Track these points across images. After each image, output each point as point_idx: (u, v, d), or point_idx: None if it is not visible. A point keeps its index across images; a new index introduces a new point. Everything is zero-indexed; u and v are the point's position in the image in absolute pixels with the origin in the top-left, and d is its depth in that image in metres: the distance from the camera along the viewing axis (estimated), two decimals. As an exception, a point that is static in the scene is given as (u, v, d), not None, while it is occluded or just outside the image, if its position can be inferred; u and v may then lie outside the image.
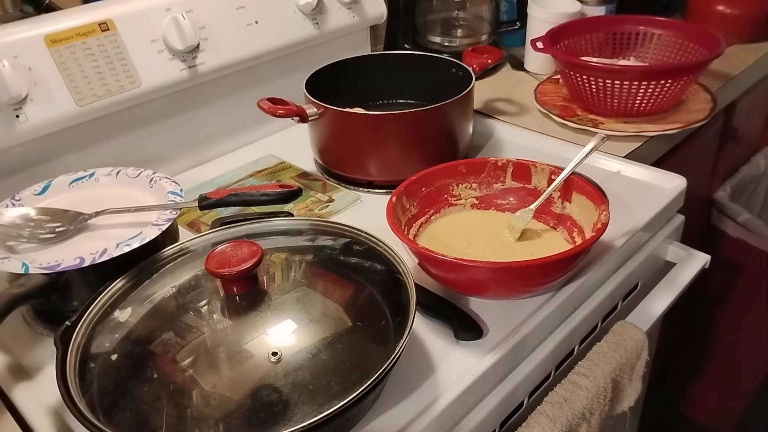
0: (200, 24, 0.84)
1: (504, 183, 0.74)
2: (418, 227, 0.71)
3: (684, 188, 0.81)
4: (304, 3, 0.93)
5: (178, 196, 0.67)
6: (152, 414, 0.46)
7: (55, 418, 0.55)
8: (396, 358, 0.47)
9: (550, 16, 1.10)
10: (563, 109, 0.98)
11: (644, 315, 0.75)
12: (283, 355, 0.48)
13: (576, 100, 0.99)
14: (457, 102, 0.80)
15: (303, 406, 0.45)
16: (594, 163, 0.85)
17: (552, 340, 0.65)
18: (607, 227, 0.61)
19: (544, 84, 1.07)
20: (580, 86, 0.94)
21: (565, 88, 1.02)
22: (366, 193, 0.84)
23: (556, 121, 0.96)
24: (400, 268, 0.55)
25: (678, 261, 0.82)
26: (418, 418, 0.53)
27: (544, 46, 0.96)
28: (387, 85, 0.96)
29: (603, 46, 1.07)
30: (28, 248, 0.62)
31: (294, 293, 0.55)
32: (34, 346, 0.63)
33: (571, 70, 0.94)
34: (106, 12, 0.79)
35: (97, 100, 0.77)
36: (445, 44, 1.19)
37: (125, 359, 0.50)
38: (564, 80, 1.00)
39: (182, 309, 0.54)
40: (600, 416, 0.67)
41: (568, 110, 0.98)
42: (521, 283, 0.61)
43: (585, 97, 0.95)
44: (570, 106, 0.99)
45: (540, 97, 1.02)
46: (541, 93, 1.04)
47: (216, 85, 0.90)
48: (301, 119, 0.80)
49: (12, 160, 0.75)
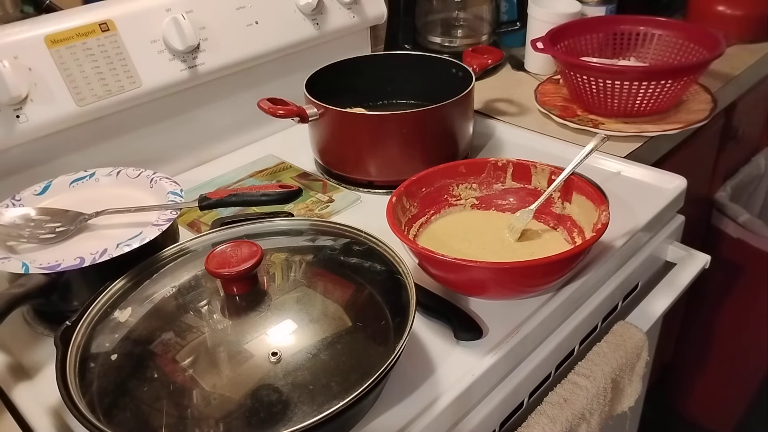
0: (200, 24, 0.84)
1: (504, 183, 0.74)
2: (418, 227, 0.71)
3: (684, 188, 0.81)
4: (304, 3, 0.93)
5: (178, 196, 0.67)
6: (152, 414, 0.46)
7: (55, 418, 0.55)
8: (396, 358, 0.47)
9: (550, 17, 1.10)
10: (563, 110, 0.98)
11: (644, 315, 0.75)
12: (283, 355, 0.48)
13: (576, 101, 0.99)
14: (457, 102, 0.80)
15: (303, 406, 0.45)
16: (594, 164, 0.85)
17: (552, 340, 0.65)
18: (607, 227, 0.61)
19: (545, 84, 1.07)
20: (580, 86, 0.94)
21: (565, 88, 1.02)
22: (366, 193, 0.84)
23: (557, 121, 0.96)
24: (400, 268, 0.55)
25: (678, 261, 0.82)
26: (418, 418, 0.53)
27: (545, 47, 0.95)
28: (387, 85, 0.96)
29: (603, 46, 1.07)
30: (28, 248, 0.62)
31: (294, 293, 0.55)
32: (34, 346, 0.63)
33: (571, 71, 0.94)
34: (107, 12, 0.79)
35: (98, 100, 0.77)
36: (446, 44, 1.19)
37: (125, 359, 0.50)
38: (564, 81, 1.00)
39: (182, 309, 0.54)
40: (600, 416, 0.67)
41: (568, 110, 0.98)
42: (521, 283, 0.61)
43: (585, 97, 0.95)
44: (570, 107, 0.99)
45: (540, 97, 1.02)
46: (542, 93, 1.04)
47: (216, 85, 0.90)
48: (302, 119, 0.80)
49: (12, 160, 0.75)
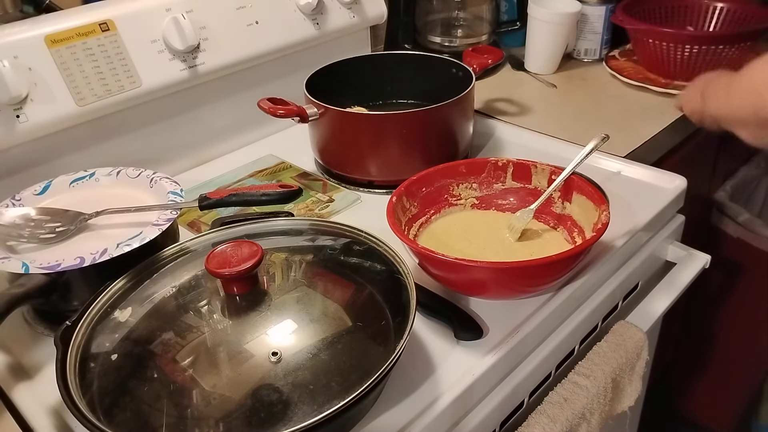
0: (200, 24, 0.84)
1: (504, 183, 0.74)
2: (418, 227, 0.71)
3: (684, 188, 0.81)
4: (304, 3, 0.93)
5: (179, 196, 0.67)
6: (152, 414, 0.46)
7: (55, 418, 0.55)
8: (396, 358, 0.47)
9: (550, 16, 1.10)
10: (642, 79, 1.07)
11: (644, 315, 0.75)
12: (283, 355, 0.48)
13: (654, 69, 1.08)
14: (458, 102, 0.80)
15: (303, 406, 0.45)
16: (594, 163, 0.85)
17: (552, 340, 0.65)
18: (607, 227, 0.61)
19: (611, 61, 1.14)
20: (663, 54, 1.03)
21: (634, 59, 1.12)
22: (366, 193, 0.84)
23: (654, 90, 1.04)
24: (400, 268, 0.55)
25: (678, 261, 0.82)
26: (418, 418, 0.53)
27: (623, 20, 1.06)
28: (387, 85, 0.96)
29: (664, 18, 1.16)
30: (28, 248, 0.62)
31: (294, 293, 0.55)
32: (34, 346, 0.63)
33: (657, 39, 1.02)
34: (107, 12, 0.79)
35: (98, 100, 0.77)
36: (446, 44, 1.19)
37: (125, 359, 0.50)
38: (642, 53, 1.08)
39: (182, 309, 0.54)
40: (600, 416, 0.67)
41: (648, 79, 1.07)
42: (521, 283, 0.61)
43: (666, 65, 1.04)
44: (647, 75, 1.08)
45: (621, 73, 1.10)
46: (617, 69, 1.11)
47: (216, 85, 0.90)
48: (302, 119, 0.80)
49: (12, 160, 0.75)
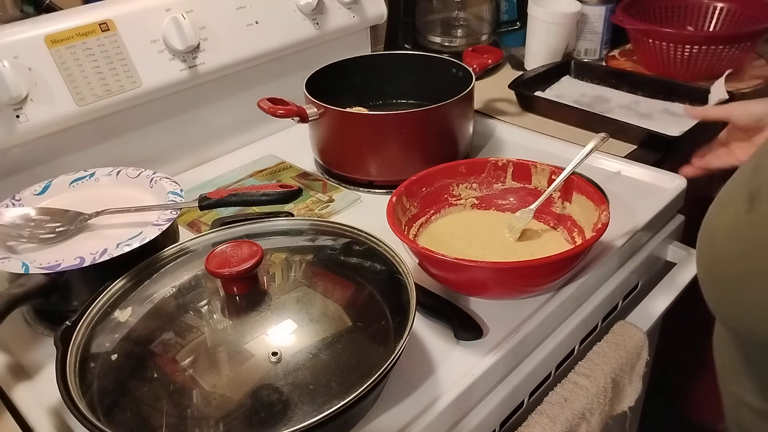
0: (200, 24, 0.84)
1: (504, 183, 0.74)
2: (418, 227, 0.71)
3: (684, 188, 0.81)
4: (304, 3, 0.93)
5: (178, 196, 0.67)
6: (152, 414, 0.46)
7: (55, 418, 0.55)
8: (396, 358, 0.47)
9: (550, 16, 1.10)
10: None
11: (644, 315, 0.75)
12: (283, 355, 0.48)
13: (653, 68, 1.10)
14: (458, 102, 0.80)
15: (303, 406, 0.45)
16: (594, 163, 0.85)
17: (552, 340, 0.65)
18: (607, 227, 0.61)
19: (611, 61, 1.17)
20: (663, 54, 1.04)
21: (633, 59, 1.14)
22: (366, 193, 0.84)
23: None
24: (400, 268, 0.55)
25: (678, 261, 0.82)
26: (418, 418, 0.53)
27: (623, 20, 1.07)
28: (387, 85, 0.96)
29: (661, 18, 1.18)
30: (28, 248, 0.62)
31: (294, 293, 0.54)
32: (34, 346, 0.63)
33: (656, 40, 1.04)
34: (107, 12, 0.79)
35: (97, 100, 0.77)
36: (445, 44, 1.19)
37: (125, 359, 0.50)
38: (641, 50, 1.10)
39: (182, 309, 0.54)
40: (600, 416, 0.67)
41: None
42: (521, 283, 0.61)
43: (666, 64, 1.06)
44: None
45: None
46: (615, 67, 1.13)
47: (216, 85, 0.90)
48: (302, 119, 0.80)
49: (12, 160, 0.75)
